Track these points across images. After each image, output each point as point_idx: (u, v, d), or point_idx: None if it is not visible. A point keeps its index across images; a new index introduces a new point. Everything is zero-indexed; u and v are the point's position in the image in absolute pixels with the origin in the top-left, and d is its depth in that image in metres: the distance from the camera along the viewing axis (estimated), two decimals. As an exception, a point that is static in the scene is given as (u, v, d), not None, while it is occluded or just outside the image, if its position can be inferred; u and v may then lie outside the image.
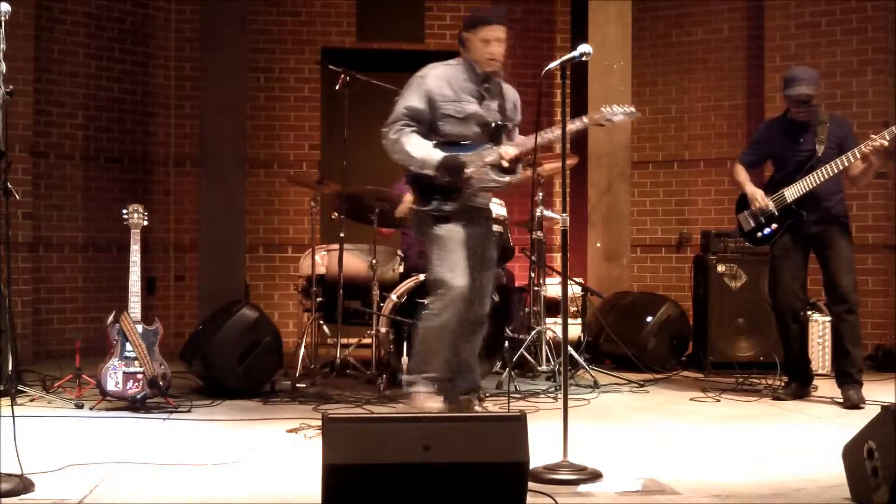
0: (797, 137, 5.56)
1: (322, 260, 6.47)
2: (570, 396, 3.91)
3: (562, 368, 4.01)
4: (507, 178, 4.78)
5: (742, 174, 5.74)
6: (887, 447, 3.12)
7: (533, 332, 6.18)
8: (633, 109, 4.56)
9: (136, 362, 5.05)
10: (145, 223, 5.23)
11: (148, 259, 7.46)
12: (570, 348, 4.91)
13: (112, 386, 5.03)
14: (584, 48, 3.95)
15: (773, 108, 7.23)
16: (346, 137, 6.13)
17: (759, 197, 5.59)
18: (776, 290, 5.66)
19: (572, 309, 6.84)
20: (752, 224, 5.65)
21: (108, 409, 5.09)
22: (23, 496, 3.34)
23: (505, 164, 4.69)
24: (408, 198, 5.17)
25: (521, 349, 6.14)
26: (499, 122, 4.79)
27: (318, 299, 6.26)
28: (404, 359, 5.54)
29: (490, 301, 4.93)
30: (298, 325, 7.40)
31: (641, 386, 6.12)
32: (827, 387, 5.77)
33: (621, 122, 4.63)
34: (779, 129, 5.71)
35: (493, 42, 4.70)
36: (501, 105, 4.83)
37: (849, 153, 5.33)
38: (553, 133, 4.50)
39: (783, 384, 5.78)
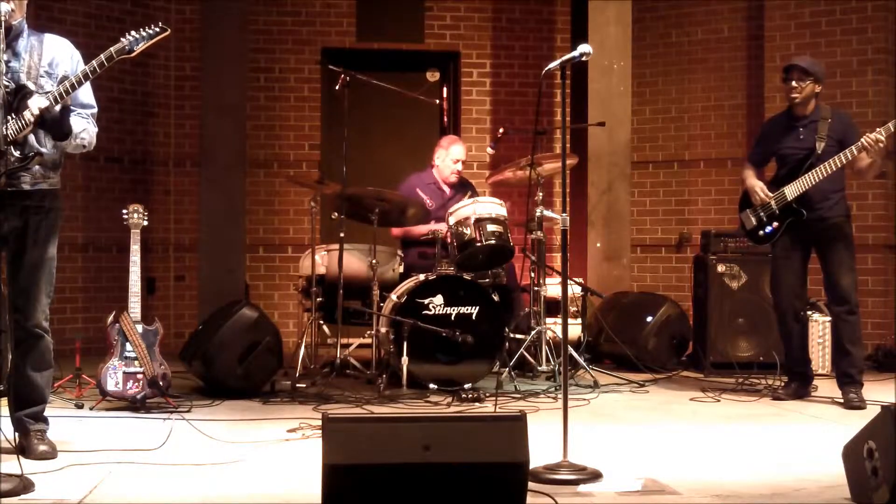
0: (797, 134, 5.54)
1: (322, 260, 6.47)
2: (570, 396, 3.92)
3: (562, 368, 4.01)
4: None
5: (748, 173, 5.73)
6: (887, 447, 3.12)
7: (533, 332, 6.17)
8: None
9: (136, 362, 5.05)
10: (145, 223, 5.23)
11: (148, 259, 7.46)
12: (570, 348, 4.90)
13: (112, 386, 5.03)
14: (584, 48, 3.95)
15: (773, 108, 7.23)
16: (346, 137, 6.13)
17: (758, 188, 5.57)
18: (777, 289, 5.65)
19: (572, 309, 6.83)
20: (754, 222, 5.64)
21: (108, 409, 5.09)
22: (23, 496, 3.35)
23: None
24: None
25: (521, 349, 6.14)
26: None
27: (318, 299, 6.26)
28: (404, 359, 5.55)
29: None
30: (298, 325, 7.40)
31: (641, 386, 6.11)
32: (827, 387, 5.77)
33: None
34: (780, 125, 5.69)
35: None
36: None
37: (846, 150, 5.30)
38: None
39: (783, 384, 5.77)
